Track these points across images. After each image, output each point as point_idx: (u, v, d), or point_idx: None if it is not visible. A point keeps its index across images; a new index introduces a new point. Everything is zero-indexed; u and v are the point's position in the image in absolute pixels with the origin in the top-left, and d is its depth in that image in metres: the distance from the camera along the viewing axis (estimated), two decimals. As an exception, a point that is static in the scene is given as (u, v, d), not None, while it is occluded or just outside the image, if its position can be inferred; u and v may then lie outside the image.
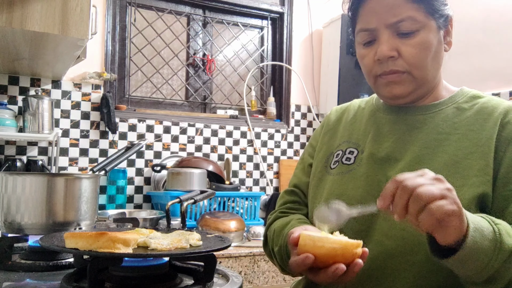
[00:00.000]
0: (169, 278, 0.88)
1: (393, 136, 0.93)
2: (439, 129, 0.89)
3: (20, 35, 1.48)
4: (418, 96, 0.92)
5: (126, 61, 2.49)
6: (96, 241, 0.78)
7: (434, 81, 0.92)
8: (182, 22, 2.66)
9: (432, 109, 0.92)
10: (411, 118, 0.93)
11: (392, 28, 0.85)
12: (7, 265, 1.01)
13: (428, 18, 0.85)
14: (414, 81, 0.87)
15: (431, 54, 0.86)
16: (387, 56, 0.85)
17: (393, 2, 0.84)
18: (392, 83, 0.88)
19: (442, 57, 0.91)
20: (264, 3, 2.79)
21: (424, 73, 0.87)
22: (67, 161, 2.26)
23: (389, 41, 0.85)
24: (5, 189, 1.17)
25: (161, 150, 2.46)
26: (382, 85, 0.90)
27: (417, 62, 0.85)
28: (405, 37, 0.85)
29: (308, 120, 2.86)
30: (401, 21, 0.84)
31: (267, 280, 1.81)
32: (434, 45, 0.86)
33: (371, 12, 0.86)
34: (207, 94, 2.70)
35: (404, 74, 0.87)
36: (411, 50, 0.85)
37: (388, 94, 0.90)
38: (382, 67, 0.87)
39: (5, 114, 2.02)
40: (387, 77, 0.88)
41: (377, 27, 0.86)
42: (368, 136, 0.97)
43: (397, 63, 0.86)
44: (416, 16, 0.83)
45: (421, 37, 0.85)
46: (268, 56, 2.88)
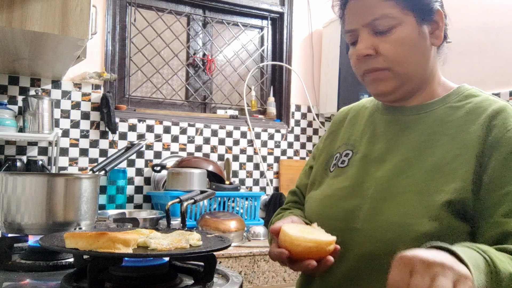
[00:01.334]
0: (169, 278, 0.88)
1: (386, 137, 0.93)
2: (430, 130, 0.87)
3: (20, 35, 1.48)
4: (406, 93, 0.90)
5: (126, 61, 2.49)
6: (96, 241, 0.78)
7: (422, 77, 0.90)
8: (182, 22, 2.66)
9: (425, 108, 0.91)
10: (404, 119, 0.92)
11: (369, 27, 0.86)
12: (7, 265, 1.01)
13: (406, 14, 0.85)
14: (397, 77, 0.87)
15: (411, 49, 0.86)
16: (363, 55, 0.87)
17: (369, 1, 0.85)
18: (376, 81, 0.89)
19: (427, 52, 0.89)
20: (264, 3, 2.79)
21: (406, 69, 0.87)
22: (67, 161, 2.26)
23: (366, 40, 0.86)
24: (5, 189, 1.17)
25: (161, 150, 2.46)
26: (368, 83, 0.91)
27: (396, 58, 0.85)
28: (382, 34, 0.85)
29: (308, 120, 2.86)
30: (376, 19, 0.85)
31: (267, 280, 1.81)
32: (414, 40, 0.86)
33: (351, 14, 0.89)
34: (207, 94, 2.70)
35: (385, 71, 0.87)
36: (389, 47, 0.85)
37: (374, 92, 0.91)
38: (364, 65, 0.88)
39: (5, 114, 2.02)
40: (370, 75, 0.89)
41: (356, 27, 0.88)
42: (365, 138, 0.97)
43: (377, 60, 0.86)
44: (391, 13, 0.84)
45: (398, 33, 0.85)
46: (268, 56, 2.88)
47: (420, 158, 0.85)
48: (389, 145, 0.91)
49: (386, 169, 0.88)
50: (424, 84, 0.92)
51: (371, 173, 0.90)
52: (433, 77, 0.93)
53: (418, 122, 0.90)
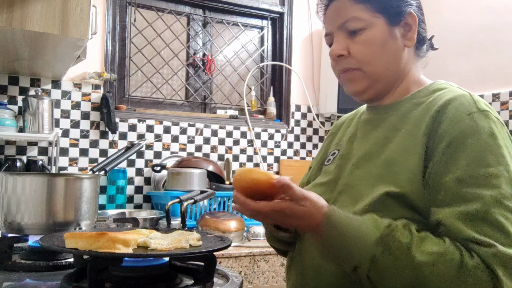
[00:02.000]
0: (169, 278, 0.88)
1: (360, 135, 0.97)
2: (392, 126, 0.90)
3: (20, 35, 1.48)
4: (379, 92, 0.93)
5: (126, 61, 2.49)
6: (96, 241, 0.78)
7: (393, 76, 0.92)
8: (182, 22, 2.66)
9: (395, 106, 0.93)
10: (376, 117, 0.96)
11: (342, 29, 0.91)
12: (7, 265, 1.01)
13: (375, 16, 0.89)
14: (367, 77, 0.91)
15: (380, 50, 0.89)
16: (336, 55, 0.91)
17: (341, 6, 0.90)
18: (349, 80, 0.93)
19: (398, 53, 0.91)
20: (264, 3, 2.79)
21: (374, 68, 0.90)
22: (67, 161, 2.26)
23: (340, 41, 0.91)
24: (5, 189, 1.17)
25: (161, 150, 2.46)
26: (343, 83, 0.96)
27: (365, 58, 0.89)
28: (354, 35, 0.90)
29: (308, 120, 2.86)
30: (347, 21, 0.89)
31: (267, 280, 1.81)
32: (383, 41, 0.89)
33: (327, 19, 0.95)
34: (207, 94, 2.70)
35: (356, 71, 0.91)
36: (358, 47, 0.89)
37: (348, 91, 0.96)
38: (339, 65, 0.93)
39: (5, 114, 2.02)
40: (343, 75, 0.94)
41: (332, 30, 0.93)
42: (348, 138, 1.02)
43: (348, 61, 0.91)
44: (360, 16, 0.88)
45: (367, 34, 0.89)
46: (268, 56, 2.88)
47: (378, 153, 0.88)
48: (359, 144, 0.96)
49: (351, 164, 0.92)
50: (397, 83, 0.94)
51: (344, 169, 0.94)
52: (407, 76, 0.95)
53: (386, 119, 0.93)
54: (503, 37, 2.19)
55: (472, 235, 0.71)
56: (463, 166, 0.76)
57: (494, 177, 0.74)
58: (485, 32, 2.26)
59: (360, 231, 0.75)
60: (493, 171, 0.74)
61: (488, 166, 0.75)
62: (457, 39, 2.39)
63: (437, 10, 2.50)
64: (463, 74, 2.32)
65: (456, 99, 0.82)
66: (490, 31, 2.24)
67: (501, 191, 0.73)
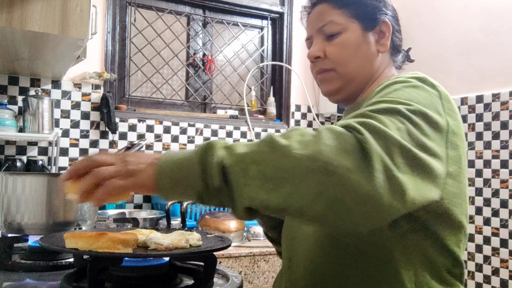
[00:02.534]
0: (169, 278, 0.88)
1: None
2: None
3: (20, 35, 1.48)
4: (351, 93, 0.97)
5: (126, 61, 2.49)
6: (96, 241, 0.78)
7: (365, 79, 0.96)
8: (182, 22, 2.66)
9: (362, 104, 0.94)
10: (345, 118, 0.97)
11: (320, 32, 0.97)
12: (7, 265, 1.01)
13: (351, 21, 0.94)
14: (340, 77, 0.95)
15: (353, 53, 0.94)
16: (313, 56, 0.97)
17: (321, 11, 0.97)
18: (324, 81, 0.98)
19: (371, 57, 0.95)
20: (264, 3, 2.79)
21: (348, 69, 0.94)
22: (67, 161, 2.26)
23: (318, 44, 0.97)
24: (5, 189, 1.17)
25: (161, 150, 2.45)
26: (319, 84, 1.00)
27: (339, 60, 0.94)
28: (330, 38, 0.95)
29: (308, 120, 2.86)
30: (325, 25, 0.96)
31: (267, 280, 1.81)
32: (356, 44, 0.94)
33: (308, 24, 1.02)
34: (207, 94, 2.70)
35: (331, 72, 0.96)
36: (333, 49, 0.95)
37: (323, 91, 1.00)
38: (315, 67, 0.98)
39: (5, 114, 2.02)
40: (319, 76, 0.99)
41: (311, 34, 1.00)
42: None
43: (324, 62, 0.96)
44: (337, 20, 0.94)
45: (342, 37, 0.94)
46: (268, 56, 2.88)
47: None
48: None
49: None
50: (367, 85, 0.98)
51: None
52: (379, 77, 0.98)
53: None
54: (503, 37, 2.19)
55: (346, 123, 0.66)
56: (374, 99, 0.75)
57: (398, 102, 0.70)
58: (485, 32, 2.26)
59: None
60: (401, 101, 0.71)
61: (397, 98, 0.72)
62: (457, 39, 2.39)
63: (437, 10, 2.50)
64: (463, 74, 2.32)
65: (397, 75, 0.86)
66: (490, 32, 2.24)
67: (398, 107, 0.69)
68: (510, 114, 2.12)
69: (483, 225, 2.21)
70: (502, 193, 2.14)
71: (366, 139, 0.60)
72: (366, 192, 0.58)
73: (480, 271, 2.20)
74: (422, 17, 2.56)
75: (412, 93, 0.75)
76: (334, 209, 0.60)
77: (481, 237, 2.21)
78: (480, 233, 2.22)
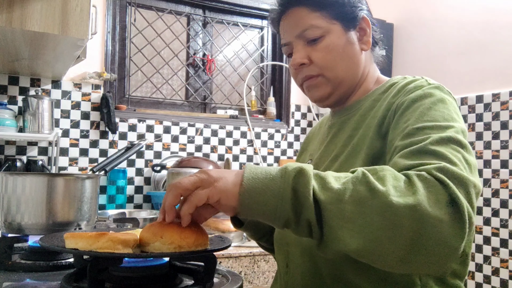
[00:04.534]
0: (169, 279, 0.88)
1: (326, 141, 1.00)
2: (355, 125, 0.92)
3: (20, 35, 1.48)
4: (341, 96, 0.96)
5: (126, 61, 2.49)
6: (96, 242, 0.78)
7: (354, 80, 0.95)
8: (182, 22, 2.66)
9: (356, 106, 0.96)
10: (339, 121, 0.98)
11: (301, 37, 0.92)
12: (7, 265, 1.01)
13: (332, 23, 0.91)
14: (329, 82, 0.93)
15: (339, 55, 0.91)
16: (298, 64, 0.93)
17: (297, 15, 0.92)
18: (311, 87, 0.95)
19: (357, 57, 0.94)
20: (264, 3, 2.79)
21: (336, 73, 0.92)
22: (67, 161, 2.26)
23: (301, 50, 0.92)
24: (5, 189, 1.17)
25: (161, 150, 2.46)
26: (306, 91, 0.97)
27: (326, 64, 0.91)
28: (313, 43, 0.92)
29: (308, 120, 2.86)
30: (305, 30, 0.91)
31: (267, 280, 1.81)
32: (341, 46, 0.91)
33: (284, 29, 0.96)
34: (207, 94, 2.70)
35: (319, 78, 0.93)
36: (319, 55, 0.91)
37: (312, 98, 0.97)
38: (301, 74, 0.94)
39: (5, 114, 2.02)
40: (306, 83, 0.95)
41: (290, 40, 0.94)
42: (317, 146, 1.04)
43: (310, 68, 0.92)
44: (317, 24, 0.90)
45: (326, 41, 0.91)
46: (268, 56, 2.88)
47: (343, 153, 0.90)
48: (326, 148, 0.97)
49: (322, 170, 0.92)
50: (358, 85, 0.97)
51: None
52: (366, 77, 0.98)
53: (349, 120, 0.95)
54: (503, 37, 2.19)
55: (417, 162, 0.68)
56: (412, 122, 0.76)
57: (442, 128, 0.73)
58: (485, 32, 2.26)
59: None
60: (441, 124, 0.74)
61: (437, 120, 0.75)
62: (457, 39, 2.39)
63: (437, 9, 2.50)
64: (463, 74, 2.32)
65: (409, 82, 0.86)
66: (490, 31, 2.24)
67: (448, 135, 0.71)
68: (510, 114, 2.12)
69: (483, 225, 2.21)
70: (502, 193, 2.14)
71: (455, 192, 0.62)
72: (454, 244, 0.61)
73: (480, 271, 2.20)
74: (422, 16, 2.56)
75: (445, 111, 0.77)
76: (420, 256, 0.61)
77: (481, 237, 2.21)
78: (480, 233, 2.22)
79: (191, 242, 0.80)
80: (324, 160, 0.95)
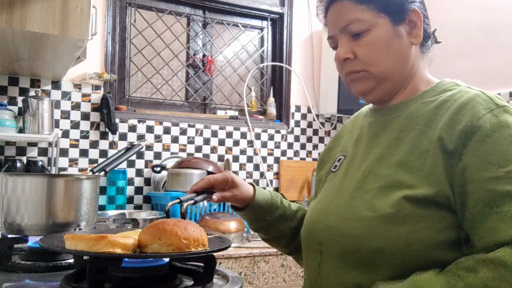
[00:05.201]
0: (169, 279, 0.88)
1: (366, 139, 0.95)
2: (401, 127, 0.89)
3: (20, 35, 1.48)
4: (386, 92, 0.92)
5: (126, 61, 2.49)
6: (96, 244, 0.78)
7: (401, 76, 0.91)
8: (182, 22, 2.66)
9: (401, 107, 0.92)
10: (382, 119, 0.94)
11: (345, 31, 0.90)
12: (7, 266, 1.01)
13: (379, 16, 0.87)
14: (373, 77, 0.90)
15: (385, 50, 0.88)
16: (341, 59, 0.90)
17: (342, 8, 0.89)
18: (354, 81, 0.92)
19: (405, 52, 0.90)
20: (264, 4, 2.79)
21: (381, 69, 0.89)
22: (67, 161, 2.26)
23: (345, 44, 0.90)
24: (5, 190, 1.17)
25: (161, 150, 2.45)
26: (349, 84, 0.94)
27: (371, 60, 0.88)
28: (358, 38, 0.89)
29: (308, 120, 2.86)
30: (349, 24, 0.88)
31: (267, 281, 1.81)
32: (388, 41, 0.88)
33: (330, 22, 0.93)
34: (207, 95, 2.70)
35: (362, 72, 0.90)
36: (363, 50, 0.88)
37: (355, 91, 0.95)
38: (345, 68, 0.92)
39: (5, 115, 2.02)
40: (349, 77, 0.92)
41: (334, 33, 0.92)
42: (353, 142, 1.00)
43: (354, 63, 0.90)
44: (362, 17, 0.87)
45: (372, 35, 0.88)
46: (268, 57, 2.88)
47: (389, 156, 0.86)
48: (367, 147, 0.94)
49: (362, 170, 0.90)
50: (405, 83, 0.93)
51: (352, 175, 0.92)
52: (415, 75, 0.93)
53: (394, 120, 0.91)
54: (503, 37, 2.19)
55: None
56: (494, 161, 0.74)
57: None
58: (486, 32, 2.26)
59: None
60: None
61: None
62: (457, 39, 2.39)
63: (437, 10, 2.50)
64: (463, 74, 2.32)
65: (473, 99, 0.81)
66: (491, 31, 2.24)
67: None
68: (510, 114, 2.12)
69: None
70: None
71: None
72: None
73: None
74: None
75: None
76: None
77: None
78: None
79: (189, 243, 0.81)
80: (364, 159, 0.91)
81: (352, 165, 0.94)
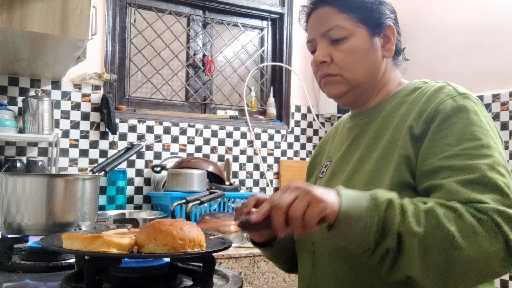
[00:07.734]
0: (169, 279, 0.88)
1: (347, 143, 1.00)
2: (379, 127, 0.94)
3: (20, 35, 1.48)
4: (357, 97, 0.97)
5: (126, 61, 2.50)
6: (91, 244, 0.78)
7: (372, 84, 0.96)
8: (182, 22, 2.66)
9: (377, 108, 0.97)
10: (361, 122, 0.99)
11: (325, 36, 0.95)
12: (7, 266, 1.01)
13: (358, 26, 0.93)
14: (346, 82, 0.95)
15: (361, 59, 0.93)
16: (319, 61, 0.95)
17: (325, 14, 0.95)
18: (327, 84, 0.97)
19: (378, 62, 0.95)
20: (264, 4, 2.79)
21: (354, 75, 0.94)
22: (67, 161, 2.26)
23: (323, 48, 0.95)
24: (5, 190, 1.17)
25: (161, 150, 2.46)
26: (323, 87, 0.99)
27: (346, 66, 0.93)
28: (336, 43, 0.94)
29: (308, 120, 2.86)
30: (330, 30, 0.93)
31: (267, 281, 1.81)
32: (364, 50, 0.93)
33: (311, 26, 0.99)
34: (207, 95, 2.70)
35: (336, 77, 0.95)
36: (341, 55, 0.93)
37: (327, 94, 0.99)
38: (320, 71, 0.97)
39: (5, 115, 2.02)
40: (323, 79, 0.97)
41: (314, 37, 0.98)
42: (336, 147, 1.05)
43: (330, 67, 0.94)
44: (343, 25, 0.93)
45: (350, 43, 0.93)
46: (268, 57, 2.88)
47: (370, 155, 0.91)
48: (349, 150, 0.98)
49: (347, 171, 0.94)
50: (376, 89, 0.98)
51: (336, 179, 0.97)
52: (388, 81, 0.99)
53: (372, 122, 0.96)
54: (503, 37, 2.19)
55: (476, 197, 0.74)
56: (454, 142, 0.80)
57: (486, 148, 0.78)
58: (485, 32, 2.26)
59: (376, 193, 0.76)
60: (483, 143, 0.79)
61: (478, 139, 0.79)
62: (457, 39, 2.39)
63: (437, 10, 2.50)
64: (463, 74, 2.32)
65: (438, 89, 0.87)
66: (490, 32, 2.24)
67: (494, 159, 0.77)
68: (510, 114, 2.12)
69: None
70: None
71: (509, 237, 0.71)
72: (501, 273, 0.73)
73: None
74: (422, 17, 2.56)
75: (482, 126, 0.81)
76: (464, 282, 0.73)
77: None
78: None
79: (184, 243, 0.81)
80: (347, 161, 0.96)
81: (337, 169, 0.99)
